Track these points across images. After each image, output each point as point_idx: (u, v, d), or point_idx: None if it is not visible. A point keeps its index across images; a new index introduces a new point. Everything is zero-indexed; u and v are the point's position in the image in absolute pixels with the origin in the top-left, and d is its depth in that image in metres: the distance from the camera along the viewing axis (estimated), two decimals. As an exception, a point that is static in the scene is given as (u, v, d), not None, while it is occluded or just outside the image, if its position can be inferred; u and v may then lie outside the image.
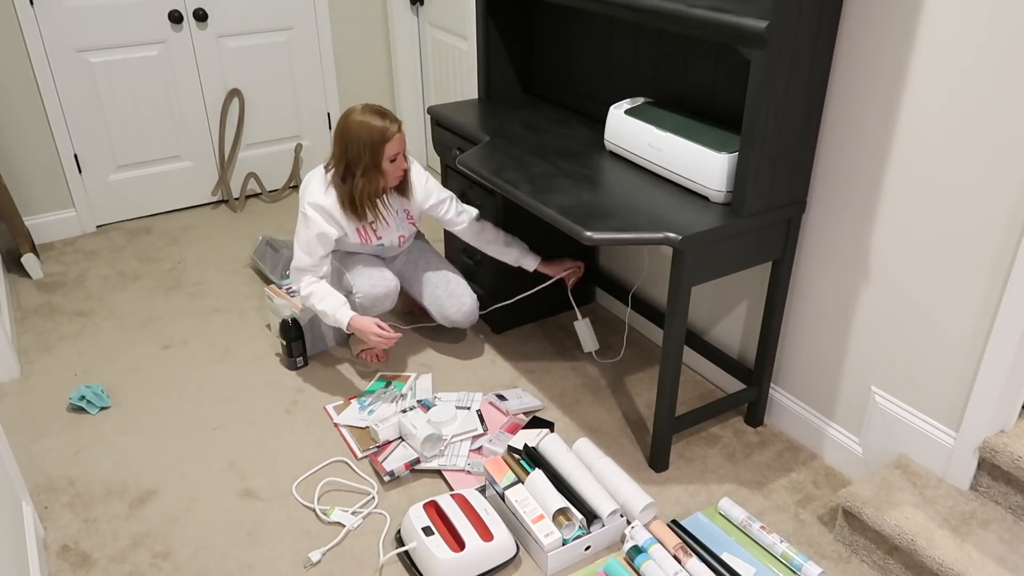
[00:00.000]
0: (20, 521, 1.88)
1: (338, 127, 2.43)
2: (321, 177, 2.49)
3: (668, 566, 1.86)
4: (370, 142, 2.37)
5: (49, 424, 2.47)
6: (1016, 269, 1.69)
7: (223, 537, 2.06)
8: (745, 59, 2.09)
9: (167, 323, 3.00)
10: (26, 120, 3.41)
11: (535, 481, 2.04)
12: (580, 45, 2.67)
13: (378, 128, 2.37)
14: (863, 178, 1.97)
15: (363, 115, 2.39)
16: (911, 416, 2.03)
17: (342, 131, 2.41)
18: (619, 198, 2.08)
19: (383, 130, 2.38)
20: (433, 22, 3.91)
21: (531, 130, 2.59)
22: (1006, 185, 1.68)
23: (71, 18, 3.36)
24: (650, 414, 2.50)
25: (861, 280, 2.06)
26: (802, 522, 2.10)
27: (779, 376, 2.40)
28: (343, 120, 2.41)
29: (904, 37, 1.78)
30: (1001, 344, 1.77)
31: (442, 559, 1.84)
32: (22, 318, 3.04)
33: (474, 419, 2.41)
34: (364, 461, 2.31)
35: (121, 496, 2.19)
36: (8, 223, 3.27)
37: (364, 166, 2.40)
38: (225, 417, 2.50)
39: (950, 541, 1.80)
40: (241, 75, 3.82)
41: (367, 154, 2.39)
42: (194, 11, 3.59)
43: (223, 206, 4.00)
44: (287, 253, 3.16)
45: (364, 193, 2.44)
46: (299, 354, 2.69)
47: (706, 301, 2.57)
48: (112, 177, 3.70)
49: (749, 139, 1.87)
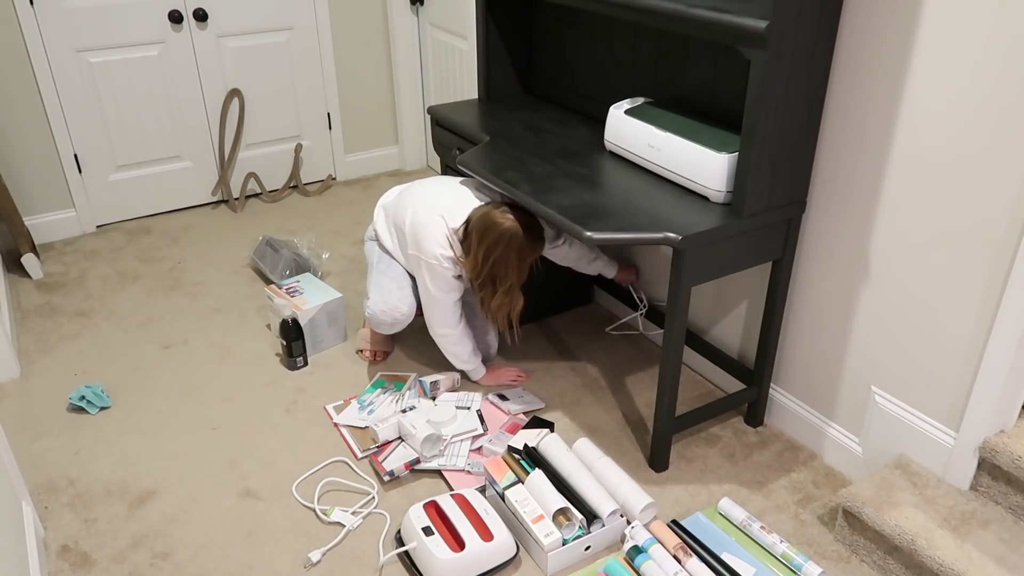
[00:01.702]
0: (20, 521, 1.88)
1: (485, 233, 2.25)
2: (443, 240, 2.32)
3: (668, 566, 1.86)
4: (517, 262, 2.26)
5: (49, 424, 2.47)
6: (1016, 269, 1.69)
7: (223, 537, 2.06)
8: (745, 59, 2.09)
9: (167, 323, 3.00)
10: (26, 120, 3.41)
11: (535, 481, 2.04)
12: (580, 45, 2.67)
13: (532, 248, 2.28)
14: (863, 178, 1.97)
15: (516, 225, 2.23)
16: (911, 416, 2.03)
17: (493, 242, 2.24)
18: (619, 198, 2.08)
19: (536, 248, 2.29)
20: (433, 22, 3.91)
21: (531, 130, 2.59)
22: (1006, 185, 1.68)
23: (71, 18, 3.36)
24: (650, 414, 2.50)
25: (861, 280, 2.06)
26: (802, 522, 2.10)
27: (779, 376, 2.40)
28: (493, 227, 2.24)
29: (904, 37, 1.78)
30: (1001, 344, 1.77)
31: (442, 559, 1.84)
32: (22, 318, 3.04)
33: (474, 419, 2.41)
34: (364, 461, 2.31)
35: (121, 496, 2.19)
36: (8, 223, 3.27)
37: (510, 285, 2.30)
38: (225, 417, 2.50)
39: (950, 541, 1.80)
40: (241, 75, 3.82)
41: (514, 275, 2.29)
42: (194, 11, 3.59)
43: (223, 206, 4.00)
44: (287, 253, 3.16)
45: (502, 310, 2.35)
46: (299, 354, 2.69)
47: (706, 301, 2.57)
48: (112, 177, 3.70)
49: (749, 139, 1.87)
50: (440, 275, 2.35)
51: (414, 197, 2.44)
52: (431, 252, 2.33)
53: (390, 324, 2.50)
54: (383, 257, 2.58)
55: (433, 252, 2.32)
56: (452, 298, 2.42)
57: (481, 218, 2.28)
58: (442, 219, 2.33)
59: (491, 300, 2.35)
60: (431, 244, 2.33)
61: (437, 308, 2.43)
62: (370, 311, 2.48)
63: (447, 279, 2.36)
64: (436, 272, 2.35)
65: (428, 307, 2.45)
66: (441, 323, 2.46)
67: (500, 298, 2.34)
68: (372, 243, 2.64)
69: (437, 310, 2.43)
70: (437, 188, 2.44)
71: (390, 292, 2.48)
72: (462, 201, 2.36)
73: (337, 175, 4.30)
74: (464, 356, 2.54)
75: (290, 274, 3.11)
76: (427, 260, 2.34)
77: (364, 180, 4.32)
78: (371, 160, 4.37)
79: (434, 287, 2.38)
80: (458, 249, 2.33)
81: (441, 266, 2.33)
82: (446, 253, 2.32)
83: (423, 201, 2.40)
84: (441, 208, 2.35)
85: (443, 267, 2.33)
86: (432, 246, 2.32)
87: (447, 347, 2.52)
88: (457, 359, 2.55)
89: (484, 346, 2.69)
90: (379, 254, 2.59)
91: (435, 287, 2.38)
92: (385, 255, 2.58)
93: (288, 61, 3.91)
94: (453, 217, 2.33)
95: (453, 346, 2.51)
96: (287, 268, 3.12)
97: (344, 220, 3.84)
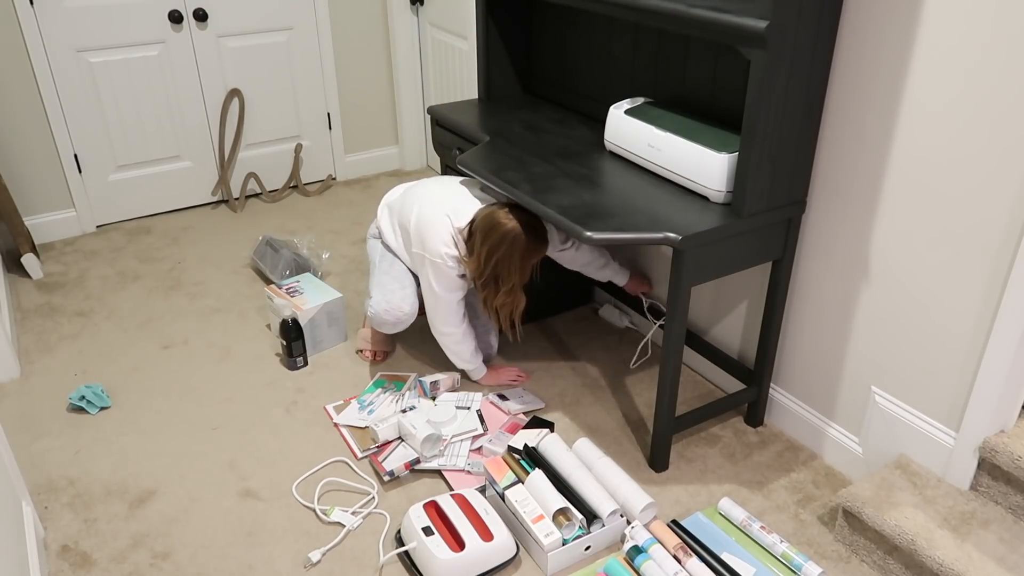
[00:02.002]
0: (20, 521, 1.88)
1: (488, 233, 2.25)
2: (448, 240, 2.32)
3: (668, 566, 1.86)
4: (520, 263, 2.26)
5: (49, 424, 2.47)
6: (1016, 269, 1.69)
7: (223, 537, 2.06)
8: (745, 59, 2.09)
9: (167, 323, 3.00)
10: (26, 120, 3.41)
11: (535, 481, 2.04)
12: (580, 45, 2.67)
13: (534, 249, 2.27)
14: (863, 178, 1.97)
15: (518, 226, 2.23)
16: (911, 416, 2.03)
17: (496, 243, 2.24)
18: (619, 198, 2.08)
19: (539, 250, 2.29)
20: (433, 22, 3.91)
21: (531, 130, 2.59)
22: (1006, 185, 1.68)
23: (71, 18, 3.36)
24: (650, 414, 2.50)
25: (861, 280, 2.06)
26: (802, 522, 2.10)
27: (779, 376, 2.40)
28: (496, 227, 2.24)
29: (904, 37, 1.78)
30: (1001, 344, 1.77)
31: (442, 559, 1.84)
32: (22, 318, 3.04)
33: (474, 419, 2.41)
34: (364, 461, 2.31)
35: (121, 496, 2.19)
36: (8, 223, 3.27)
37: (512, 285, 2.30)
38: (225, 417, 2.50)
39: (950, 541, 1.80)
40: (241, 75, 3.82)
41: (517, 276, 2.29)
42: (194, 11, 3.59)
43: (223, 206, 4.00)
44: (287, 253, 3.16)
45: (505, 310, 2.35)
46: (299, 354, 2.69)
47: (706, 301, 2.57)
48: (112, 177, 3.70)
49: (749, 139, 1.87)
50: (444, 274, 2.36)
51: (420, 196, 2.44)
52: (436, 251, 2.33)
53: (393, 324, 2.50)
54: (386, 255, 2.58)
55: (438, 251, 2.32)
56: (456, 297, 2.42)
57: (485, 218, 2.28)
58: (447, 218, 2.33)
59: (494, 299, 2.36)
60: (436, 243, 2.33)
61: (441, 307, 2.43)
62: (373, 311, 2.48)
63: (451, 278, 2.37)
64: (440, 271, 2.35)
65: (432, 306, 2.45)
66: (444, 322, 2.46)
67: (503, 297, 2.34)
68: (375, 241, 2.64)
69: (441, 309, 2.43)
70: (443, 188, 2.44)
71: (393, 292, 2.48)
72: (468, 201, 2.36)
73: (337, 175, 4.30)
74: (466, 355, 2.54)
75: (290, 274, 3.11)
76: (432, 259, 2.34)
77: (364, 180, 4.32)
78: (371, 160, 4.37)
79: (438, 286, 2.38)
80: (463, 248, 2.33)
81: (446, 265, 2.33)
82: (451, 252, 2.32)
83: (429, 200, 2.40)
84: (447, 207, 2.35)
85: (448, 266, 2.33)
86: (437, 245, 2.32)
87: (449, 346, 2.52)
88: (459, 358, 2.55)
89: (485, 346, 2.69)
90: (382, 252, 2.59)
91: (439, 286, 2.38)
92: (388, 253, 2.58)
93: (288, 61, 3.91)
94: (458, 217, 2.33)
95: (455, 345, 2.51)
96: (287, 268, 3.12)
97: (344, 220, 3.84)
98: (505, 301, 2.35)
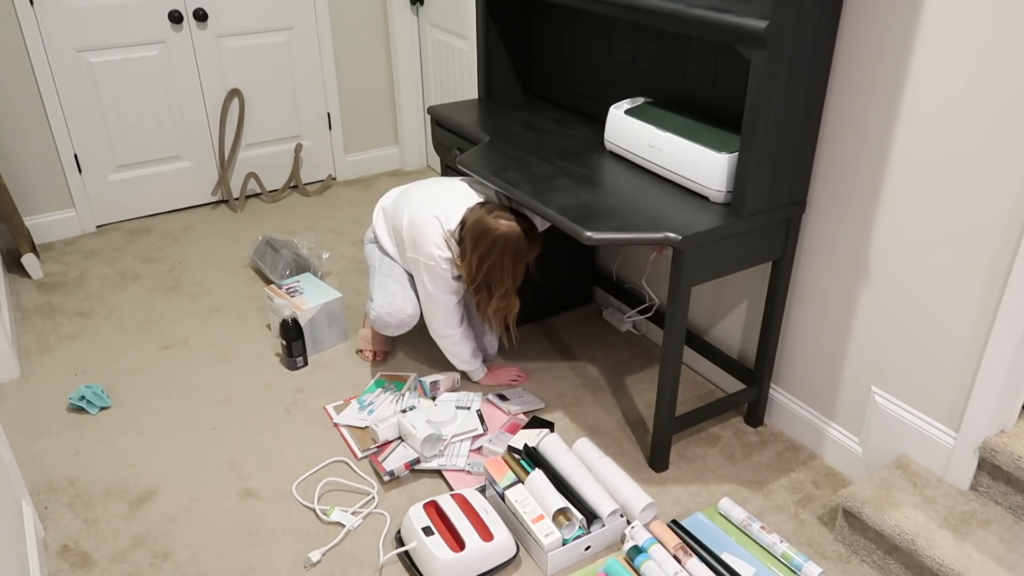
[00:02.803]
0: (20, 521, 1.88)
1: (478, 240, 2.24)
2: (441, 242, 2.31)
3: (668, 566, 1.86)
4: (512, 266, 2.25)
5: (49, 424, 2.47)
6: (1016, 269, 1.69)
7: (223, 537, 2.06)
8: (745, 59, 2.09)
9: (167, 323, 3.00)
10: (26, 120, 3.41)
11: (535, 481, 2.04)
12: (580, 45, 2.67)
13: (526, 252, 2.27)
14: (863, 178, 1.97)
15: (508, 230, 2.22)
16: (911, 416, 2.03)
17: (486, 249, 2.23)
18: (619, 198, 2.08)
19: (531, 252, 2.28)
20: (433, 22, 3.91)
21: (531, 130, 2.59)
22: (1006, 185, 1.68)
23: (71, 18, 3.36)
24: (650, 414, 2.50)
25: (861, 280, 2.06)
26: (802, 522, 2.10)
27: (779, 376, 2.40)
28: (486, 233, 2.23)
29: (904, 37, 1.78)
30: (1001, 344, 1.77)
31: (442, 559, 1.84)
32: (22, 318, 3.04)
33: (474, 419, 2.41)
34: (364, 461, 2.31)
35: (121, 496, 2.19)
36: (8, 223, 3.27)
37: (506, 289, 2.30)
38: (225, 417, 2.50)
39: (950, 541, 1.80)
40: (241, 75, 3.82)
41: (510, 280, 2.29)
42: (194, 11, 3.59)
43: (223, 206, 4.00)
44: (287, 253, 3.16)
45: (499, 315, 2.35)
46: (299, 354, 2.69)
47: (706, 301, 2.57)
48: (112, 177, 3.70)
49: (749, 139, 1.87)
50: (439, 276, 2.35)
51: (410, 200, 2.44)
52: (428, 253, 2.33)
53: (396, 326, 2.49)
54: (384, 259, 2.57)
55: (431, 253, 2.32)
56: (452, 299, 2.42)
57: (474, 224, 2.27)
58: (437, 220, 2.33)
59: (487, 305, 2.36)
60: (428, 246, 2.33)
61: (437, 309, 2.43)
62: (375, 313, 2.48)
63: (446, 280, 2.36)
64: (435, 273, 2.35)
65: (428, 308, 2.45)
66: (442, 324, 2.46)
67: (496, 303, 2.34)
68: (372, 245, 2.64)
69: (437, 311, 2.43)
70: (432, 189, 2.44)
71: (394, 294, 2.48)
72: (457, 202, 2.36)
73: (337, 175, 4.30)
74: (465, 357, 2.54)
75: (290, 274, 3.11)
76: (425, 262, 2.34)
77: (364, 180, 4.32)
78: (371, 160, 4.37)
79: (433, 288, 2.38)
80: (455, 249, 2.33)
81: (439, 267, 2.33)
82: (443, 254, 2.32)
83: (419, 203, 2.40)
84: (436, 209, 2.35)
85: (441, 268, 2.33)
86: (429, 247, 2.32)
87: (448, 347, 2.52)
88: (458, 359, 2.55)
89: (484, 346, 2.69)
90: (380, 256, 2.59)
91: (435, 288, 2.38)
92: (386, 258, 2.58)
93: (288, 61, 3.91)
94: (448, 218, 2.33)
95: (454, 346, 2.51)
96: (287, 268, 3.12)
97: (344, 220, 3.84)
98: (499, 307, 2.35)
